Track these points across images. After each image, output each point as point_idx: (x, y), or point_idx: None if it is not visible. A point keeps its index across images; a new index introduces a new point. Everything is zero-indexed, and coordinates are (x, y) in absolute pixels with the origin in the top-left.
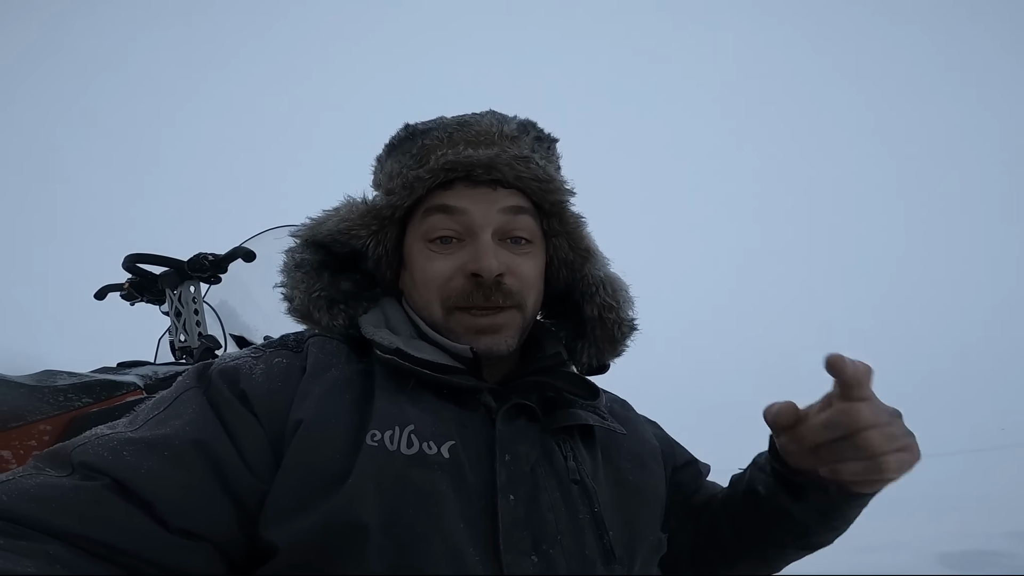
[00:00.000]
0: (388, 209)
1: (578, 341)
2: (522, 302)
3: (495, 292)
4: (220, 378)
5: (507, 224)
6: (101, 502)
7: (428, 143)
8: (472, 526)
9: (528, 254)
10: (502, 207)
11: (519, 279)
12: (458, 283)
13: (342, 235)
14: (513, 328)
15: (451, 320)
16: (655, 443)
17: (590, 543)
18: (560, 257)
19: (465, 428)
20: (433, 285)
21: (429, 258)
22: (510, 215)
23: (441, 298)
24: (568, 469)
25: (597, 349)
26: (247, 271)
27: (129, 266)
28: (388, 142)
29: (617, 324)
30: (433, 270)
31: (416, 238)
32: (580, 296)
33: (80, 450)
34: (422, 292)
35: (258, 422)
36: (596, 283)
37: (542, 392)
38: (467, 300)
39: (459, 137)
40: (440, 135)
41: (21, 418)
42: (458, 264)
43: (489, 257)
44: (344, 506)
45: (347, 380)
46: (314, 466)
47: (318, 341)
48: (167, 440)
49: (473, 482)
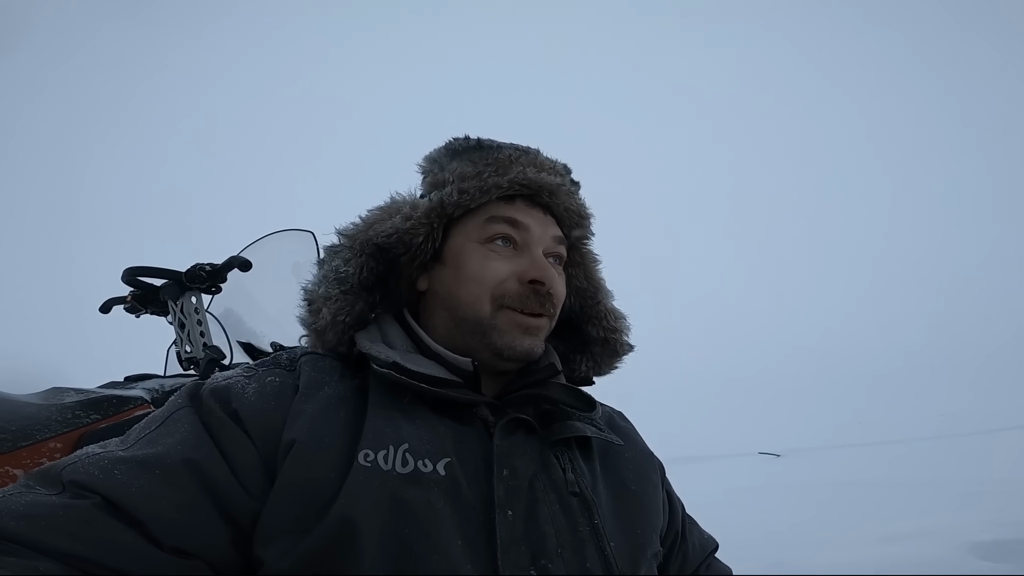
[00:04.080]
0: (454, 207)
1: (575, 355)
2: (555, 312)
3: (547, 301)
4: (212, 397)
5: (553, 249)
6: (91, 520)
7: (503, 157)
8: (470, 543)
9: (562, 276)
10: (553, 234)
11: (558, 294)
12: (512, 286)
13: (407, 234)
14: (544, 333)
15: (499, 316)
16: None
17: (591, 555)
18: (573, 285)
19: (462, 444)
20: (488, 283)
21: (487, 256)
22: (556, 243)
23: (493, 296)
24: (567, 482)
25: (595, 363)
26: (250, 278)
27: (129, 279)
28: (448, 146)
29: (619, 344)
30: (491, 268)
31: (469, 239)
32: (587, 320)
33: (70, 468)
34: (472, 288)
35: (251, 441)
36: (604, 311)
37: (539, 405)
38: (522, 303)
39: (528, 160)
40: (514, 153)
41: (31, 437)
42: (513, 268)
43: (550, 269)
44: (338, 525)
45: (341, 398)
46: (307, 486)
47: (311, 359)
48: (158, 459)
49: (471, 498)
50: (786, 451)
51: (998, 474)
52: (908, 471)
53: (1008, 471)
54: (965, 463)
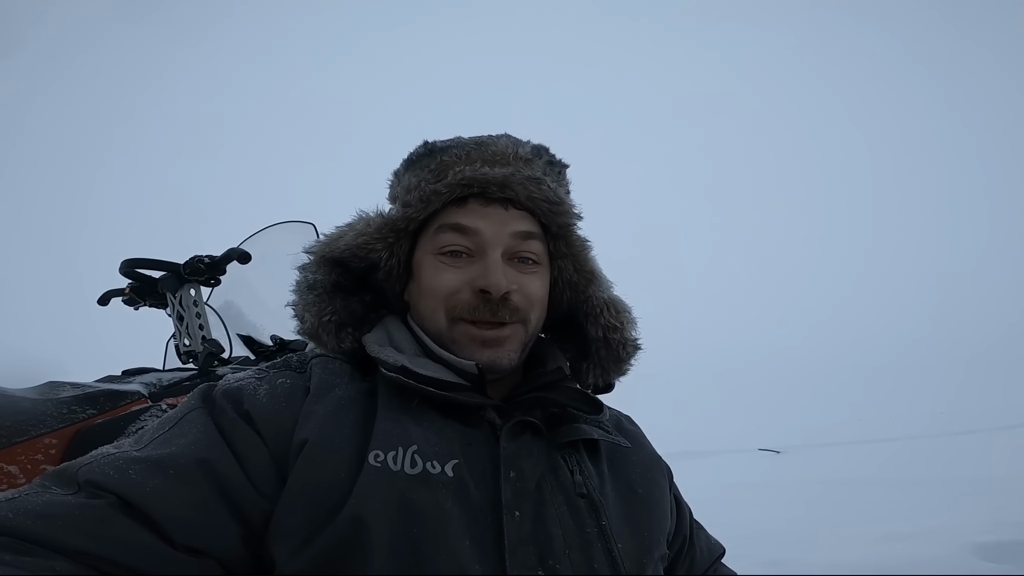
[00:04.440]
0: (403, 221)
1: (583, 363)
2: (526, 318)
3: (501, 308)
4: (224, 399)
5: (516, 246)
6: (106, 520)
7: (446, 160)
8: (478, 544)
9: (535, 273)
10: (512, 231)
11: (525, 297)
12: (465, 296)
13: (360, 249)
14: (516, 342)
15: (455, 330)
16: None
17: (598, 556)
18: (565, 279)
19: (470, 446)
20: (440, 295)
21: (438, 269)
22: (520, 239)
23: (446, 308)
24: (574, 483)
25: (603, 369)
26: (251, 270)
27: (127, 271)
28: (406, 157)
29: (622, 344)
30: (441, 281)
31: (426, 251)
32: (584, 318)
33: (86, 468)
34: (428, 302)
35: (262, 441)
36: (600, 305)
37: (546, 408)
38: (473, 314)
39: (476, 155)
40: (458, 152)
41: (26, 432)
42: (466, 278)
43: (498, 275)
44: (348, 525)
45: (351, 400)
46: (319, 486)
47: (321, 361)
48: (172, 459)
49: (478, 500)
50: (786, 447)
51: (999, 473)
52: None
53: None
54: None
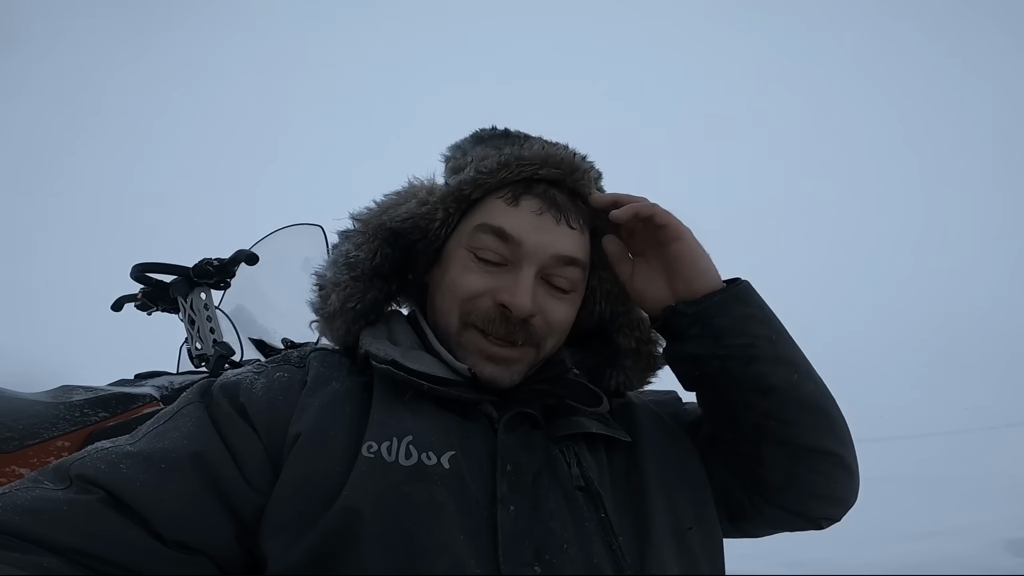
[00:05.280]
0: (470, 186)
1: (606, 369)
2: (541, 343)
3: (519, 330)
4: (220, 392)
5: (554, 270)
6: (95, 515)
7: (530, 141)
8: (472, 538)
9: (564, 300)
10: (555, 252)
11: (548, 323)
12: (484, 305)
13: (423, 219)
14: (524, 364)
15: (464, 336)
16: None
17: (597, 550)
18: (604, 289)
19: (467, 438)
20: (459, 296)
21: (466, 268)
22: (560, 264)
23: (461, 311)
24: (572, 476)
25: (627, 377)
26: (261, 274)
27: (138, 276)
28: (475, 134)
29: (652, 356)
30: (465, 282)
31: (460, 243)
32: (618, 329)
33: (78, 463)
34: (446, 297)
35: (257, 436)
36: (638, 319)
37: (544, 400)
38: (487, 325)
39: (550, 147)
40: (540, 139)
41: (38, 435)
42: (491, 287)
43: (526, 296)
44: (341, 518)
45: (347, 392)
46: (311, 478)
47: (320, 355)
48: (164, 453)
49: (474, 493)
50: None
51: None
52: (935, 466)
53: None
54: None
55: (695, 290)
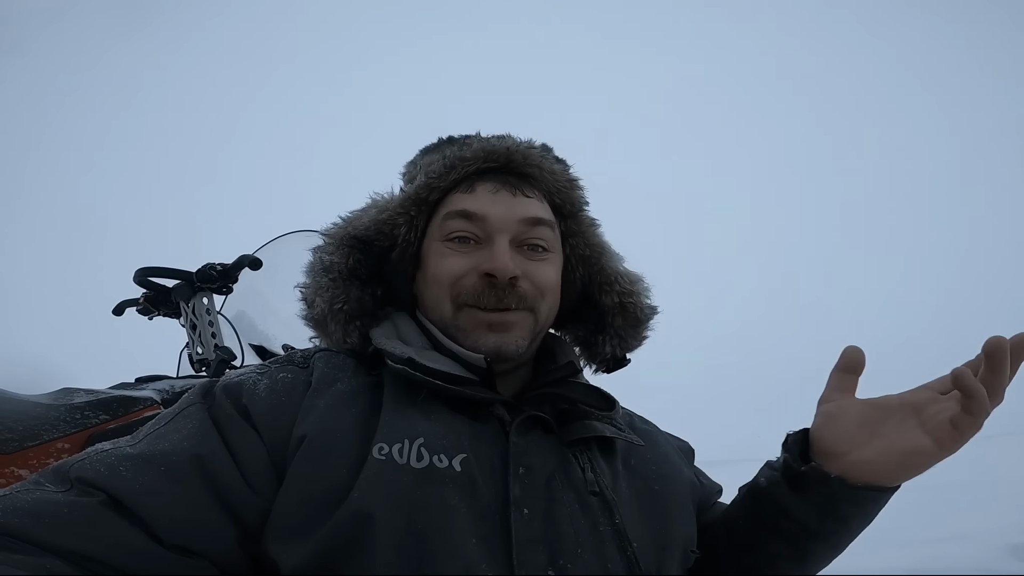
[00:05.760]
0: (425, 190)
1: (598, 335)
2: (535, 306)
3: (508, 294)
4: (223, 394)
5: (524, 232)
6: (95, 518)
7: (469, 140)
8: (485, 542)
9: (545, 260)
10: (521, 217)
11: (534, 284)
12: (470, 281)
13: (384, 225)
14: (524, 330)
15: (460, 316)
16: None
17: (611, 556)
18: (577, 254)
19: (478, 440)
20: (445, 281)
21: (444, 255)
22: (528, 226)
23: (452, 295)
24: (586, 481)
25: (620, 338)
26: (264, 280)
27: (141, 280)
28: (423, 148)
29: (639, 308)
30: (447, 266)
31: (434, 239)
32: (598, 289)
33: (78, 466)
34: (434, 289)
35: (259, 438)
36: (614, 274)
37: (556, 404)
38: (478, 299)
39: (496, 141)
40: (481, 136)
41: (38, 437)
42: (472, 263)
43: (504, 258)
44: (349, 521)
45: (354, 393)
46: (318, 481)
47: (324, 356)
48: (164, 455)
49: (486, 496)
50: None
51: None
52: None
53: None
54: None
55: (888, 479)
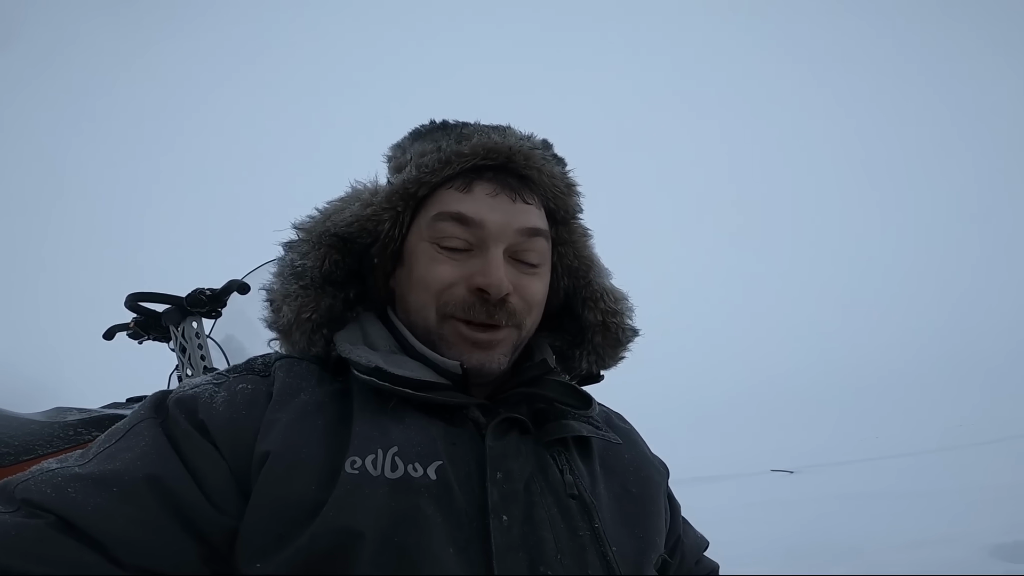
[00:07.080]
0: (415, 185)
1: (575, 349)
2: (522, 322)
3: (499, 310)
4: (177, 408)
5: (521, 245)
6: (44, 540)
7: (467, 131)
8: (463, 551)
9: (536, 275)
10: (519, 226)
11: (524, 300)
12: (459, 293)
13: (369, 222)
14: (508, 346)
15: (444, 327)
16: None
17: (592, 561)
18: (564, 264)
19: (454, 446)
20: (433, 289)
21: (434, 260)
22: (525, 237)
23: (438, 304)
24: (565, 483)
25: (598, 356)
26: (252, 305)
27: (131, 305)
28: (413, 130)
29: (621, 328)
30: (436, 273)
31: (422, 237)
32: (582, 304)
33: (23, 487)
34: (418, 294)
35: (219, 454)
36: (599, 290)
37: (532, 404)
38: (467, 313)
39: (495, 134)
40: (479, 127)
41: (33, 451)
42: (464, 274)
43: (500, 274)
44: (325, 538)
45: (319, 404)
46: (287, 499)
47: (286, 364)
48: (116, 476)
49: (463, 504)
50: (799, 467)
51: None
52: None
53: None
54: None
55: None
